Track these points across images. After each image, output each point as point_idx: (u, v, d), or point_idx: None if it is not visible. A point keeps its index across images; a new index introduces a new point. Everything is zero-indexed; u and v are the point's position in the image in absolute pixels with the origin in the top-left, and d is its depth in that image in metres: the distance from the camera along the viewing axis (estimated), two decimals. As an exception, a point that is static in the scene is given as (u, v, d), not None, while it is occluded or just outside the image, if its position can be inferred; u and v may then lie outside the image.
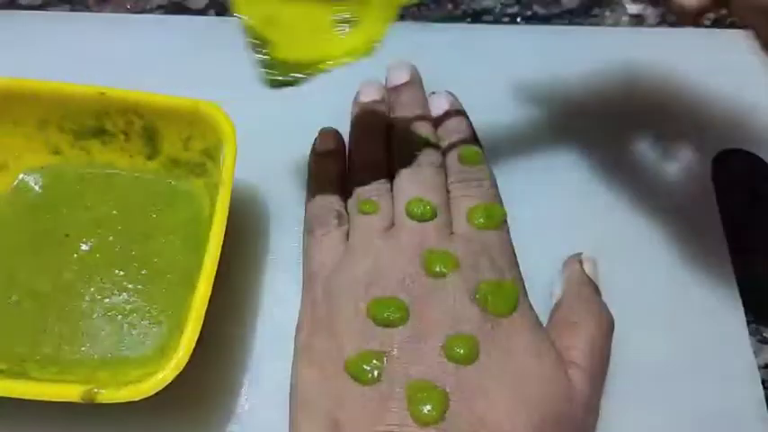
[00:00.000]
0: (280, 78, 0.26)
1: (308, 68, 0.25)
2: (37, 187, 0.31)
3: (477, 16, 0.40)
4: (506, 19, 0.40)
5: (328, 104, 0.33)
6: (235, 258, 0.30)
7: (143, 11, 0.39)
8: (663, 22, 0.40)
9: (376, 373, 0.23)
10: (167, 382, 0.23)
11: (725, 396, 0.29)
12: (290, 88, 0.26)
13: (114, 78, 0.30)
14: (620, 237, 0.32)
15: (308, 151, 0.32)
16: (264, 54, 0.26)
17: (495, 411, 0.22)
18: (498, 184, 0.30)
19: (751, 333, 0.30)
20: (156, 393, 0.23)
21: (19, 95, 0.29)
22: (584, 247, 0.30)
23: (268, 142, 0.31)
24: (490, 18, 0.40)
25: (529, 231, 0.30)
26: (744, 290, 0.31)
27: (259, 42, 0.26)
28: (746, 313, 0.31)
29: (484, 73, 0.36)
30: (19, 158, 0.30)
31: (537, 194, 0.33)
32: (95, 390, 0.22)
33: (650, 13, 0.40)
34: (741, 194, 0.34)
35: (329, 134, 0.31)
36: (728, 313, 0.30)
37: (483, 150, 0.31)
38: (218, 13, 0.39)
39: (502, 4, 0.40)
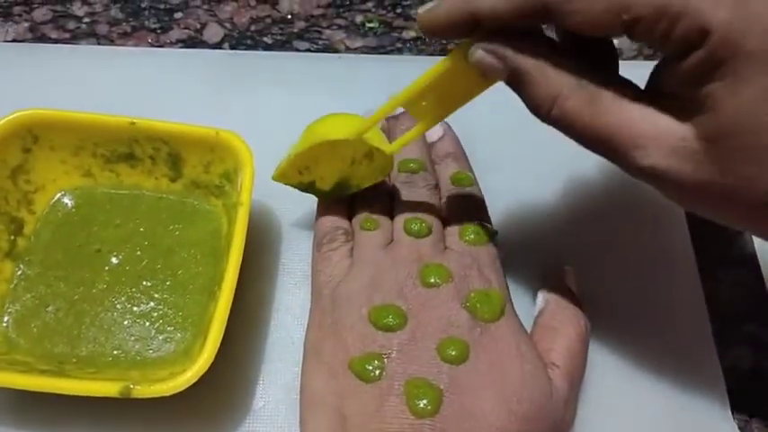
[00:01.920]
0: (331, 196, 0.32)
1: (342, 190, 0.31)
2: (71, 206, 0.33)
3: (469, 49, 0.43)
4: (496, 52, 0.43)
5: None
6: (251, 271, 0.32)
7: (163, 45, 0.42)
8: (639, 54, 0.43)
9: (377, 372, 0.25)
10: (194, 381, 0.25)
11: (691, 393, 0.31)
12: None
13: (137, 107, 0.32)
14: (597, 249, 0.34)
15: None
16: (313, 190, 0.32)
17: (483, 406, 0.24)
18: (487, 203, 0.32)
19: (715, 334, 0.32)
20: (182, 391, 0.25)
21: (58, 125, 0.31)
22: (564, 259, 0.32)
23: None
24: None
25: (514, 246, 0.32)
26: (709, 298, 0.33)
27: (304, 187, 0.32)
28: (711, 317, 0.33)
29: (474, 101, 0.39)
30: (55, 181, 0.33)
31: (522, 212, 0.35)
32: (131, 386, 0.25)
33: (626, 46, 0.43)
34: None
35: None
36: (695, 321, 0.33)
37: (473, 173, 0.33)
38: (232, 47, 0.42)
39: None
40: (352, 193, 0.32)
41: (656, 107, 0.22)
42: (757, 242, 0.36)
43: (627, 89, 0.23)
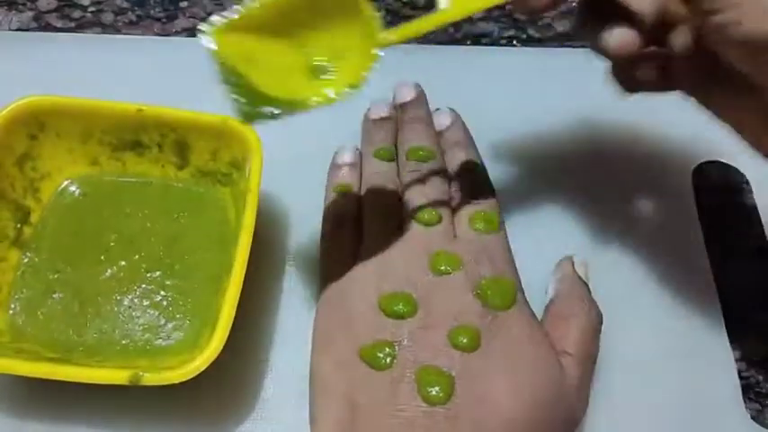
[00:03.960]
0: (256, 111, 0.24)
1: (289, 106, 0.24)
2: (78, 195, 0.33)
3: (476, 39, 0.43)
4: (504, 41, 0.43)
5: (343, 121, 0.35)
6: (259, 259, 0.31)
7: (169, 34, 0.42)
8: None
9: (389, 359, 0.25)
10: (203, 369, 0.25)
11: (703, 383, 0.31)
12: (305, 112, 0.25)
13: (142, 96, 0.32)
14: (609, 240, 0.34)
15: (326, 163, 0.34)
16: (241, 87, 0.24)
17: (496, 393, 0.24)
18: (496, 190, 0.32)
19: (726, 324, 0.32)
20: (189, 379, 0.25)
21: (64, 112, 0.31)
22: (575, 249, 0.32)
23: (283, 156, 0.33)
24: (489, 41, 0.42)
25: (525, 235, 0.32)
26: (721, 290, 0.33)
27: (234, 76, 0.24)
28: (723, 306, 0.33)
29: (483, 90, 0.39)
30: (61, 169, 0.33)
31: (532, 201, 0.35)
32: (141, 373, 0.25)
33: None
34: (719, 201, 0.36)
35: (346, 149, 0.34)
36: (707, 311, 0.32)
37: (482, 162, 0.33)
38: (238, 36, 0.42)
39: (499, 27, 0.43)
40: (361, 183, 0.32)
41: None
42: (769, 231, 0.35)
43: None
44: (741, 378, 0.31)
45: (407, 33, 0.24)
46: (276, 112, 0.24)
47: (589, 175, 0.36)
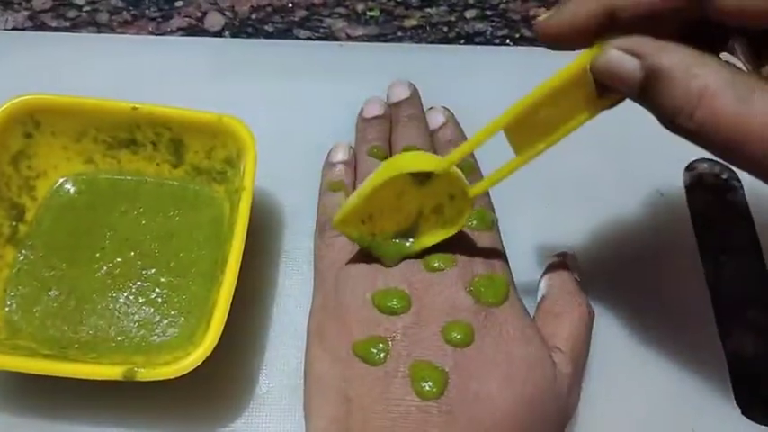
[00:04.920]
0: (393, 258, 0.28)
1: (405, 249, 0.28)
2: (73, 193, 0.33)
3: (470, 38, 0.43)
4: (497, 41, 0.43)
5: (337, 119, 0.35)
6: (254, 256, 0.32)
7: (164, 33, 0.42)
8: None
9: (382, 355, 0.25)
10: (197, 364, 0.25)
11: (694, 379, 0.31)
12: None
13: (137, 96, 0.32)
14: (601, 238, 0.34)
15: (319, 161, 0.34)
16: (373, 245, 0.28)
17: (488, 388, 0.24)
18: (489, 191, 0.32)
19: (717, 320, 0.32)
20: (184, 375, 0.25)
21: (59, 110, 0.31)
22: (567, 247, 0.32)
23: (279, 154, 0.33)
24: (482, 40, 0.43)
25: (517, 232, 0.32)
26: (712, 287, 0.33)
27: (365, 240, 0.28)
28: (714, 303, 0.33)
29: (477, 89, 0.39)
30: (56, 167, 0.33)
31: (524, 199, 0.35)
32: (135, 369, 0.25)
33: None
34: (710, 200, 0.37)
35: (340, 147, 0.34)
36: (698, 309, 0.33)
37: (475, 160, 0.34)
38: (233, 35, 0.42)
39: (492, 27, 0.43)
40: (355, 180, 0.32)
41: None
42: (760, 228, 0.36)
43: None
44: (732, 374, 0.31)
45: (490, 184, 0.27)
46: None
47: (581, 173, 0.37)
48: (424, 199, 0.26)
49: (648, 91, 0.21)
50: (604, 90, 0.23)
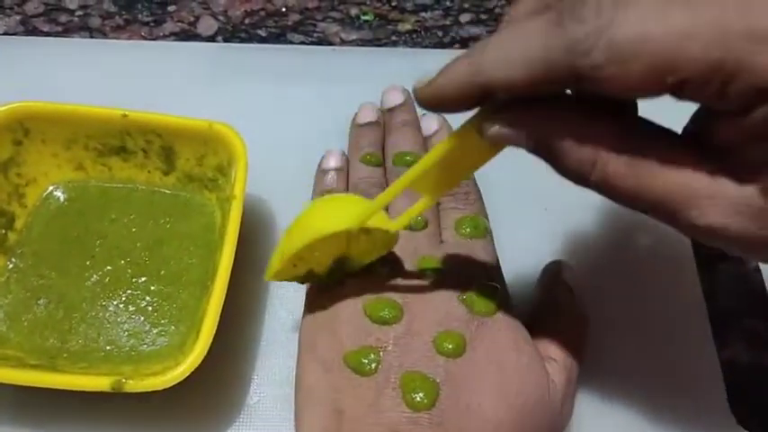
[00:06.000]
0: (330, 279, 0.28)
1: (342, 271, 0.28)
2: (63, 200, 0.33)
3: (464, 43, 0.43)
4: (492, 46, 0.43)
5: (330, 125, 0.35)
6: (245, 264, 0.31)
7: (157, 38, 0.42)
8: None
9: (373, 365, 0.25)
10: (186, 375, 0.25)
11: (689, 388, 0.31)
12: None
13: (130, 101, 0.32)
14: (595, 246, 0.34)
15: (312, 168, 0.34)
16: (311, 278, 0.28)
17: (481, 399, 0.24)
18: (483, 196, 0.32)
19: (713, 329, 0.32)
20: (174, 385, 0.25)
21: (49, 117, 0.31)
22: (561, 255, 0.32)
23: (272, 159, 0.33)
24: (477, 44, 0.43)
25: (512, 240, 0.32)
26: (708, 294, 0.33)
27: (301, 278, 0.28)
28: (709, 312, 0.33)
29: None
30: (47, 174, 0.33)
31: (518, 206, 0.35)
32: (123, 380, 0.25)
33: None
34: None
35: (333, 154, 0.34)
36: (694, 316, 0.33)
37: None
38: (226, 40, 0.42)
39: (488, 31, 0.43)
40: (348, 188, 0.32)
41: (708, 165, 0.19)
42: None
43: (665, 141, 0.21)
44: (727, 383, 0.31)
45: (407, 220, 0.26)
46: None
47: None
48: (350, 232, 0.26)
49: (541, 156, 0.21)
50: None
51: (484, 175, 0.34)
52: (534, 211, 0.35)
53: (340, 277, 0.28)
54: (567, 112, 0.21)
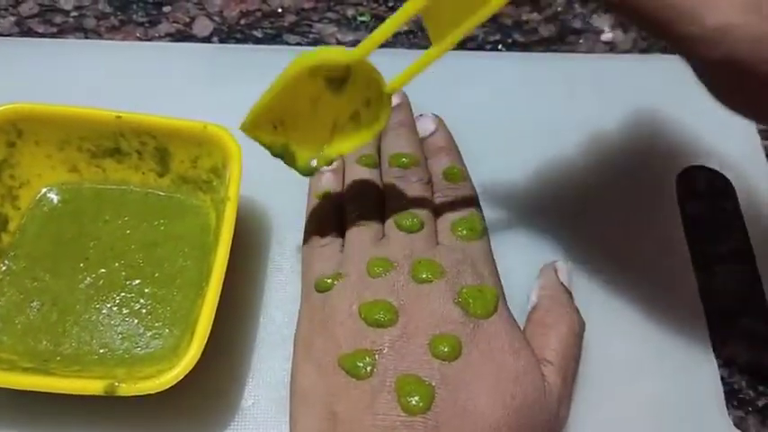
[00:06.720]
0: (309, 168, 0.28)
1: (324, 158, 0.27)
2: (57, 202, 0.32)
3: (461, 43, 0.42)
4: (489, 46, 0.42)
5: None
6: (240, 267, 0.31)
7: (152, 39, 0.41)
8: (634, 48, 0.43)
9: (368, 368, 0.25)
10: (180, 378, 0.25)
11: (687, 388, 0.30)
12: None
13: (125, 102, 0.31)
14: (592, 247, 0.34)
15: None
16: (288, 156, 0.27)
17: (476, 402, 0.24)
18: (479, 198, 0.32)
19: (710, 329, 0.32)
20: (169, 388, 0.25)
21: (42, 119, 0.31)
22: (558, 256, 0.32)
23: (270, 161, 0.33)
24: (474, 45, 0.42)
25: (508, 241, 0.32)
26: (705, 295, 0.33)
27: (277, 148, 0.27)
28: (706, 311, 0.33)
29: (468, 95, 0.39)
30: (40, 176, 0.32)
31: (515, 208, 0.35)
32: (116, 384, 0.25)
33: (622, 40, 0.43)
34: (703, 206, 0.36)
35: None
36: (691, 317, 0.32)
37: (466, 168, 0.33)
38: (221, 40, 0.42)
39: (484, 32, 0.43)
40: (343, 191, 0.31)
41: None
42: (753, 236, 0.35)
43: None
44: (724, 384, 0.31)
45: (407, 78, 0.26)
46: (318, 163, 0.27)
47: (573, 181, 0.36)
48: (338, 107, 0.25)
49: None
50: None
51: (481, 176, 0.34)
52: (531, 211, 0.35)
53: (308, 163, 0.26)
54: None
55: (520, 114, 0.38)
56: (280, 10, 0.43)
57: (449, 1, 0.23)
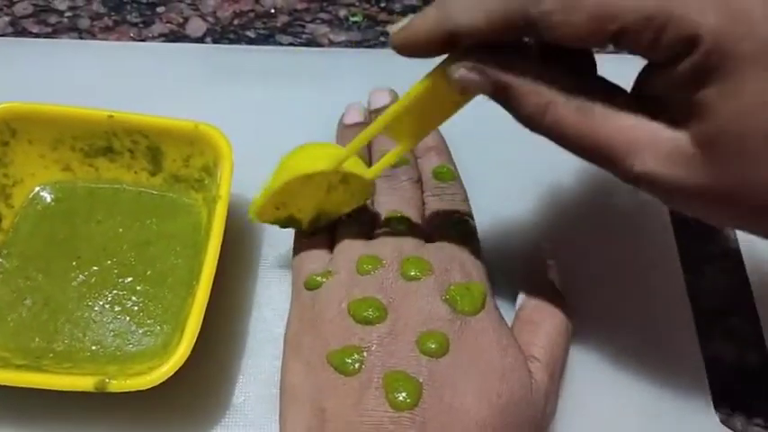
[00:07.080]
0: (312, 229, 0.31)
1: (323, 219, 0.30)
2: (50, 201, 0.33)
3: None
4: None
5: (318, 126, 0.35)
6: (231, 265, 0.32)
7: (146, 39, 0.42)
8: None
9: (357, 365, 0.25)
10: (170, 374, 0.25)
11: (673, 387, 0.31)
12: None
13: (119, 102, 0.32)
14: (581, 244, 0.34)
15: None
16: (292, 224, 0.30)
17: (463, 399, 0.24)
18: (469, 197, 0.32)
19: (697, 328, 0.32)
20: (160, 385, 0.25)
21: (35, 118, 0.31)
22: (546, 255, 0.32)
23: (261, 160, 0.33)
24: (466, 46, 0.43)
25: (497, 239, 0.32)
26: (692, 294, 0.33)
27: (282, 222, 0.30)
28: (694, 311, 0.33)
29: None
30: (33, 175, 0.33)
31: (505, 205, 0.35)
32: (107, 380, 0.25)
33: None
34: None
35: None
36: (678, 315, 0.33)
37: (456, 167, 0.33)
38: (215, 41, 0.42)
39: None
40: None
41: (647, 113, 0.22)
42: (740, 236, 0.36)
43: (615, 94, 0.23)
44: (711, 382, 0.31)
45: (380, 169, 0.29)
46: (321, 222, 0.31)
47: (562, 179, 0.36)
48: (330, 176, 0.28)
49: (500, 100, 0.24)
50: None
51: (470, 173, 0.34)
52: (520, 211, 0.35)
53: (319, 225, 0.30)
54: (526, 59, 0.23)
55: (509, 115, 0.38)
56: (272, 10, 0.43)
57: (409, 118, 0.26)
